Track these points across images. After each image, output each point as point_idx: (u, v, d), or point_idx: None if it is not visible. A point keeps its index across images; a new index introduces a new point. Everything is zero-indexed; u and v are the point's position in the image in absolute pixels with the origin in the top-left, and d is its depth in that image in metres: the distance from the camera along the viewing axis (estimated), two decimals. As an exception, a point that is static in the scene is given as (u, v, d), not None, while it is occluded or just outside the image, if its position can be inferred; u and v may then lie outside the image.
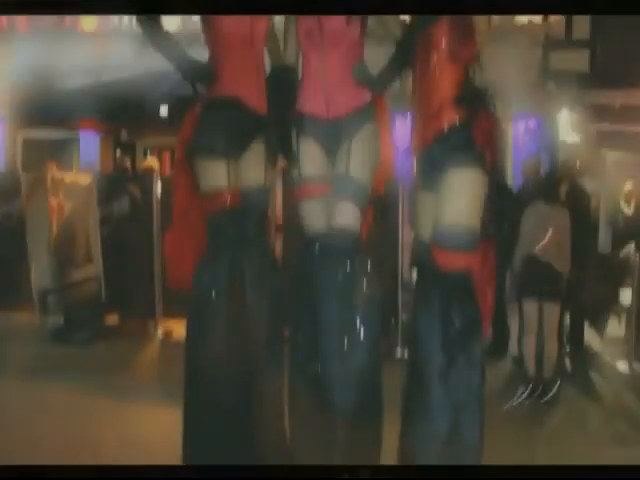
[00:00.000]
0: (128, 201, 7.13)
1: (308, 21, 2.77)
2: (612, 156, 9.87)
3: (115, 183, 7.44)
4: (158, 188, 6.91)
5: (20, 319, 6.77)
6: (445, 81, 2.67)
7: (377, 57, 2.95)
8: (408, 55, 2.81)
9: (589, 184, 9.94)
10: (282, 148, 2.94)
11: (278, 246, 6.62)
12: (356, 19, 2.76)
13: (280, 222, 6.51)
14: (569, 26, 10.27)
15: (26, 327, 6.53)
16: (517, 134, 10.01)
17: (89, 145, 11.43)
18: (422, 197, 2.82)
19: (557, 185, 4.95)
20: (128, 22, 11.81)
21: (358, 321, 2.69)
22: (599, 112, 9.55)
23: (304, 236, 2.88)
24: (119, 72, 9.84)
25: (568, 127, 9.88)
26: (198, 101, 2.92)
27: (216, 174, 2.78)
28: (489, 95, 2.75)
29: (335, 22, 2.75)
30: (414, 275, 6.32)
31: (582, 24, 10.16)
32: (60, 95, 10.46)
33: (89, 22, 11.88)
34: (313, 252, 2.79)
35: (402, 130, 3.39)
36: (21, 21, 12.19)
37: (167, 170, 9.45)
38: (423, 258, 2.78)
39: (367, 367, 2.72)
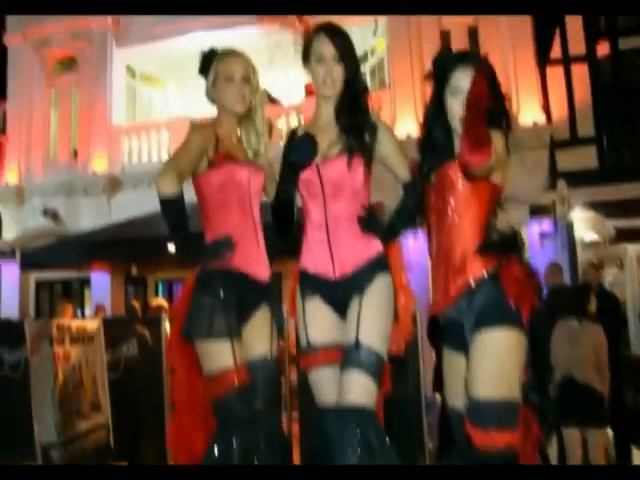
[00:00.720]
0: (137, 343, 6.88)
1: (305, 171, 2.48)
2: (633, 250, 9.59)
3: (123, 325, 7.23)
4: (167, 328, 6.69)
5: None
6: (466, 228, 2.34)
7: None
8: (418, 200, 2.52)
9: (614, 281, 9.67)
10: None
11: (293, 377, 6.31)
12: (358, 163, 2.45)
13: (294, 352, 6.20)
14: (573, 125, 10.31)
15: (29, 488, 6.08)
16: (532, 239, 9.80)
17: (100, 283, 11.43)
18: (449, 357, 2.46)
19: (585, 299, 4.59)
20: (138, 162, 12.16)
21: None
22: (614, 207, 9.36)
23: (317, 408, 2.52)
24: (129, 211, 9.94)
25: (584, 226, 9.68)
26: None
27: (220, 355, 2.48)
28: (518, 240, 2.42)
29: (334, 169, 2.46)
30: (438, 397, 5.89)
31: (586, 122, 10.20)
32: (72, 237, 10.59)
33: (100, 163, 12.20)
34: (327, 428, 2.39)
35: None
36: (37, 163, 12.59)
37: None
38: (456, 431, 2.39)
39: None
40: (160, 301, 8.23)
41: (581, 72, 10.43)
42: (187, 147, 2.51)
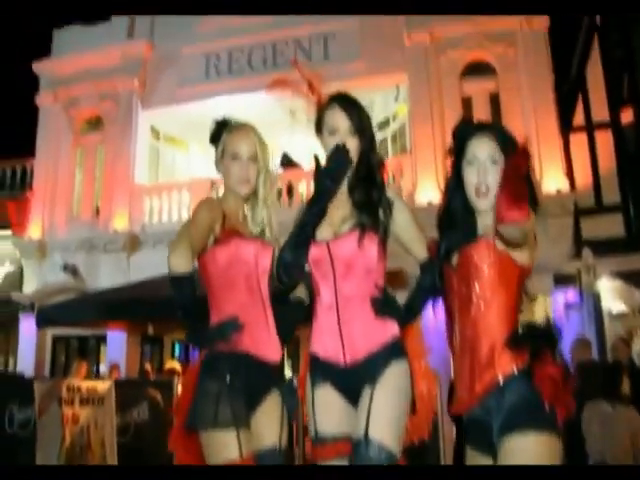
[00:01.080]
0: (148, 407, 6.73)
1: (316, 248, 2.31)
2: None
3: (135, 388, 7.09)
4: (180, 392, 6.51)
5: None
6: (493, 317, 2.13)
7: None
8: (437, 281, 2.32)
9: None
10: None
11: (308, 447, 6.06)
12: (371, 240, 2.27)
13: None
14: (598, 192, 10.19)
15: None
16: (557, 310, 9.57)
17: (116, 341, 11.32)
18: (474, 461, 2.22)
19: (618, 379, 4.30)
20: (158, 221, 12.21)
21: None
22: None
23: None
24: (148, 271, 9.88)
25: (612, 296, 9.42)
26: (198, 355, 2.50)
27: (225, 447, 2.29)
28: (552, 332, 2.19)
29: (345, 247, 2.28)
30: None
31: (611, 189, 10.07)
32: (91, 294, 10.54)
33: (121, 221, 12.28)
34: None
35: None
36: (60, 219, 12.70)
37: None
38: None
39: None
40: (174, 364, 8.10)
41: (605, 139, 10.38)
42: (195, 223, 2.38)
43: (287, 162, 12.19)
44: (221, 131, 2.59)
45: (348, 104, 2.38)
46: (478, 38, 11.34)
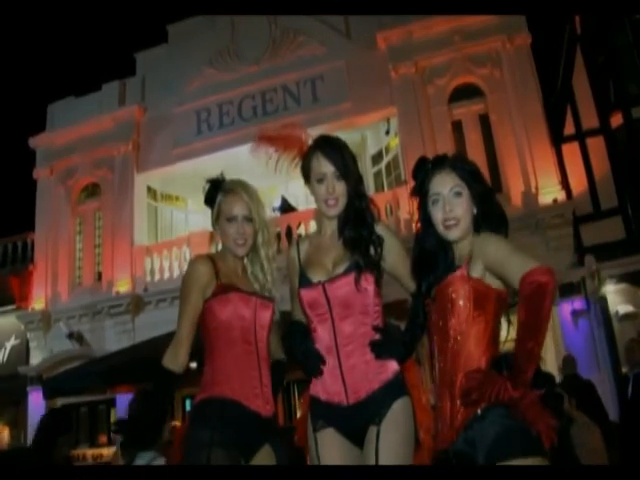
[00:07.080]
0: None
1: (310, 290, 2.34)
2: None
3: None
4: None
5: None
6: (470, 349, 2.10)
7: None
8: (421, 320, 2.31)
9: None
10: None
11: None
12: (366, 279, 2.30)
13: None
14: (595, 198, 10.01)
15: None
16: (564, 319, 9.33)
17: (126, 404, 11.04)
18: None
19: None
20: (160, 279, 12.14)
21: None
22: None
23: None
24: (153, 330, 9.77)
25: (618, 299, 9.19)
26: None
27: None
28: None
29: (341, 288, 2.29)
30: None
31: (608, 194, 9.90)
32: (96, 360, 10.40)
33: (123, 284, 12.24)
34: None
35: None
36: (63, 288, 12.68)
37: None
38: None
39: None
40: (175, 422, 7.89)
41: (597, 145, 10.25)
42: (190, 303, 2.42)
43: (286, 206, 12.19)
44: (215, 192, 2.57)
45: (331, 149, 2.41)
46: (463, 62, 11.35)
